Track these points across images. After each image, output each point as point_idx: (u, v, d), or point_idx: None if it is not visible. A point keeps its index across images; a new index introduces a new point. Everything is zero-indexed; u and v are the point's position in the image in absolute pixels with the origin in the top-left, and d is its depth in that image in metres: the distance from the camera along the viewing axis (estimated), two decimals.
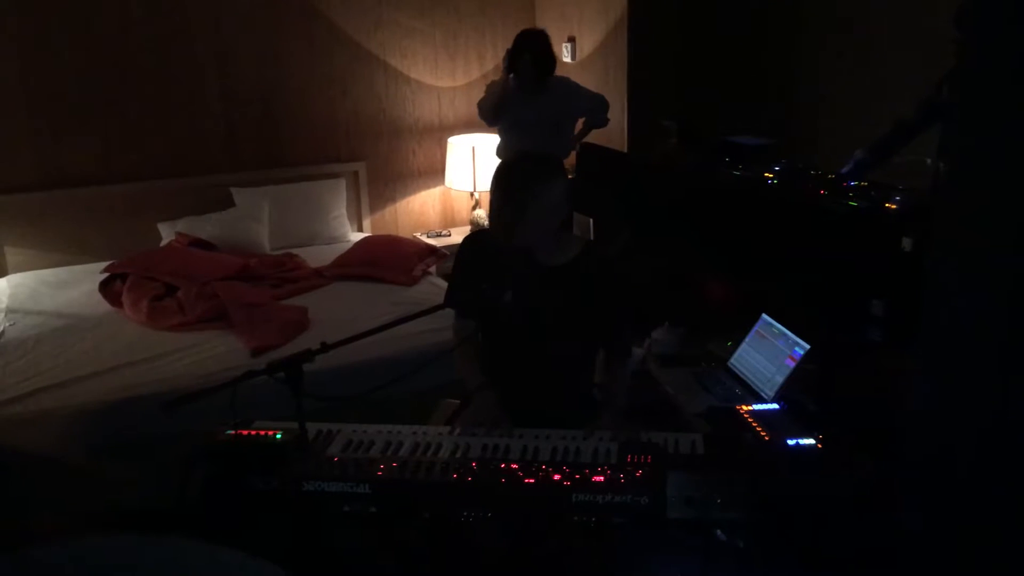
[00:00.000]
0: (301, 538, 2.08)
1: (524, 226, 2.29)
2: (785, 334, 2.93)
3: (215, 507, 2.13)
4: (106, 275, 4.21)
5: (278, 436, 2.17)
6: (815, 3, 4.66)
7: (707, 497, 1.93)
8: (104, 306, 4.04)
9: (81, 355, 3.52)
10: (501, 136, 4.75)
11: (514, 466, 2.04)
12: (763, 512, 1.98)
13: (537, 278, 2.39)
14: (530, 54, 4.40)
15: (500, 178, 2.38)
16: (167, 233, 4.76)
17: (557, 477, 1.99)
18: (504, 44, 5.42)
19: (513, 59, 4.46)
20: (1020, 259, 1.79)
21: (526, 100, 4.52)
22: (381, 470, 2.05)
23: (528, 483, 1.99)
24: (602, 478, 1.98)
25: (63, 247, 4.73)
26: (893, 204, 2.80)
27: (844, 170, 3.56)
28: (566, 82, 4.66)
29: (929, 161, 3.39)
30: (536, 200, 2.28)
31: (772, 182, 3.34)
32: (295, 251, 4.86)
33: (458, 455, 2.14)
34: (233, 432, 2.20)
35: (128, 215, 4.82)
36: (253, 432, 2.21)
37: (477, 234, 2.65)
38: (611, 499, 1.94)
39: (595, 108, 4.63)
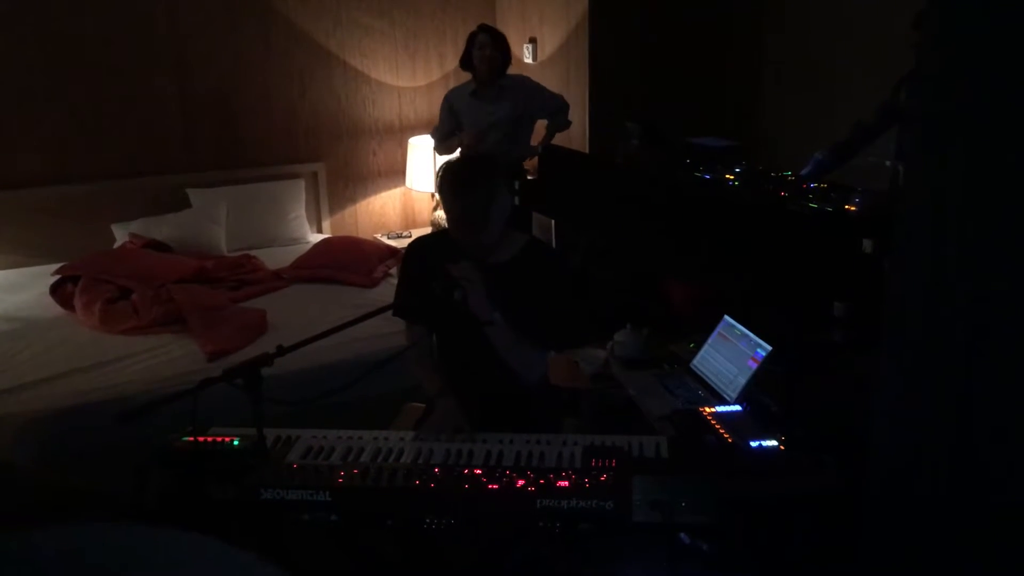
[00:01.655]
0: (260, 548, 2.03)
1: (484, 224, 2.31)
2: (747, 335, 2.93)
3: (171, 517, 2.07)
4: (58, 277, 4.11)
5: (235, 443, 2.12)
6: (778, 4, 4.70)
7: (672, 501, 1.92)
8: (56, 309, 3.95)
9: (32, 360, 3.44)
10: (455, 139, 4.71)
11: (477, 472, 2.02)
12: (728, 514, 1.97)
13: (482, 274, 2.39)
14: (487, 35, 4.37)
15: (444, 182, 2.40)
16: (121, 235, 4.66)
17: (521, 483, 1.97)
18: (464, 44, 5.40)
19: (467, 52, 4.43)
20: (981, 260, 1.80)
21: (482, 102, 4.48)
22: (342, 477, 2.01)
23: (492, 489, 1.96)
24: (567, 483, 1.96)
25: (13, 249, 4.61)
26: (853, 206, 2.82)
27: (804, 172, 3.58)
28: (526, 81, 4.64)
29: (888, 163, 3.42)
30: (483, 199, 2.30)
31: (733, 184, 3.35)
32: (253, 253, 4.78)
33: (420, 461, 2.10)
34: (190, 439, 2.14)
35: (81, 216, 4.71)
36: (210, 439, 2.16)
37: (419, 240, 2.67)
38: (576, 504, 1.92)
39: (559, 109, 4.60)
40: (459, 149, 4.58)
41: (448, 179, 2.37)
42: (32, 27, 4.51)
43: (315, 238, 5.19)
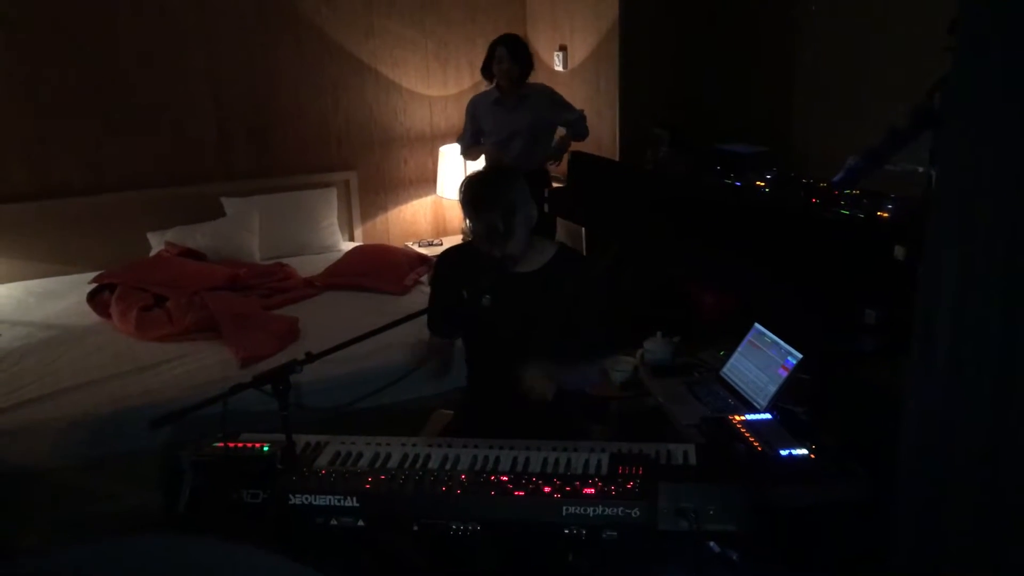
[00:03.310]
0: (288, 553, 2.05)
1: (509, 236, 2.31)
2: (777, 343, 2.91)
3: (202, 521, 2.10)
4: (95, 285, 4.18)
5: (265, 449, 2.14)
6: (809, 11, 4.66)
7: (700, 508, 1.91)
8: (92, 317, 4.01)
9: (69, 366, 3.49)
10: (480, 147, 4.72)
11: (504, 478, 2.02)
12: (756, 523, 1.95)
13: (512, 283, 2.39)
14: (505, 48, 4.38)
15: (465, 197, 2.39)
16: (156, 243, 4.73)
17: (547, 489, 1.96)
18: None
19: (487, 62, 4.44)
20: (1013, 267, 1.78)
21: (504, 110, 4.50)
22: (369, 483, 2.03)
23: (518, 495, 1.96)
24: (593, 490, 1.95)
25: (51, 257, 4.69)
26: (885, 212, 2.79)
27: (836, 178, 3.55)
28: (548, 90, 4.65)
29: (921, 169, 3.38)
30: (504, 212, 2.29)
31: (764, 190, 3.33)
32: (286, 261, 4.83)
33: (447, 467, 2.11)
34: (221, 445, 2.17)
35: (117, 225, 4.78)
36: (240, 444, 2.18)
37: (449, 250, 2.67)
38: (602, 511, 1.92)
39: (579, 119, 4.62)
40: (483, 157, 4.60)
41: (469, 194, 2.36)
42: (68, 40, 4.59)
43: (347, 246, 5.22)
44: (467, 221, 2.42)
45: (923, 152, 3.42)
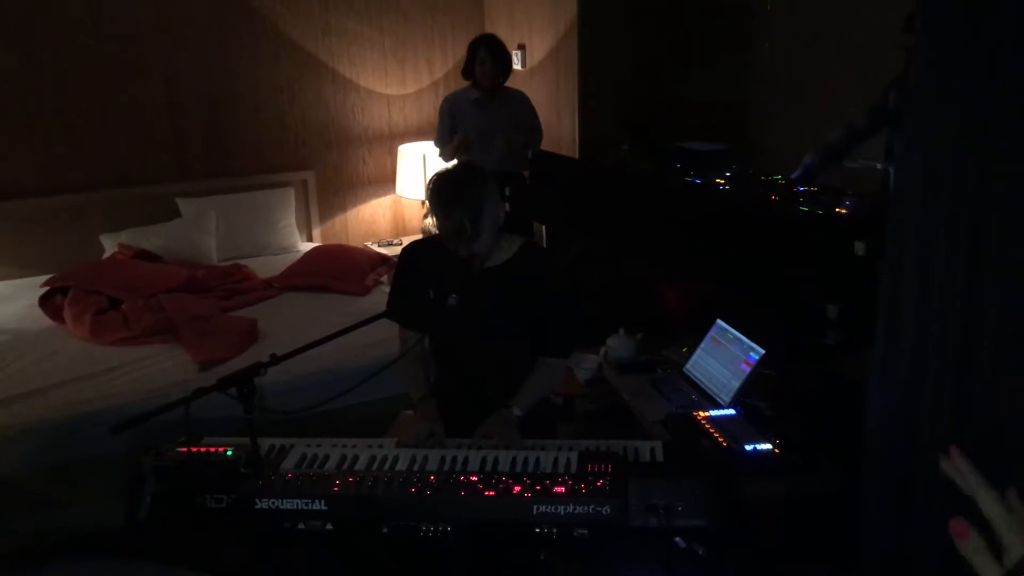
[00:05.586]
0: (256, 558, 2.02)
1: (476, 235, 2.29)
2: (740, 339, 2.94)
3: (165, 528, 2.06)
4: (47, 289, 4.09)
5: (229, 453, 2.10)
6: (766, 10, 4.71)
7: (669, 505, 1.91)
8: (45, 321, 3.92)
9: (22, 372, 3.42)
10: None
11: (473, 478, 2.01)
12: (724, 518, 1.97)
13: (477, 279, 2.38)
14: (487, 49, 4.38)
15: (433, 195, 2.37)
16: (110, 245, 4.64)
17: (517, 489, 1.96)
18: (453, 51, 5.42)
19: (469, 63, 4.44)
20: (972, 262, 1.81)
21: (484, 109, 4.49)
22: (337, 485, 2.00)
23: (488, 495, 1.95)
24: (563, 488, 1.95)
25: (2, 260, 4.58)
26: (844, 208, 2.82)
27: (794, 175, 3.59)
28: (523, 94, 4.67)
29: (879, 165, 3.44)
30: (472, 212, 2.27)
31: (723, 188, 3.35)
32: (243, 262, 4.77)
33: (416, 468, 2.10)
34: (183, 449, 2.13)
35: (70, 227, 4.69)
36: (203, 449, 2.14)
37: (414, 243, 2.65)
38: (572, 509, 1.92)
39: (538, 128, 4.66)
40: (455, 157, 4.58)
41: (438, 193, 2.34)
42: (17, 37, 4.49)
43: (305, 247, 5.17)
44: (432, 219, 2.39)
45: (880, 149, 3.48)
